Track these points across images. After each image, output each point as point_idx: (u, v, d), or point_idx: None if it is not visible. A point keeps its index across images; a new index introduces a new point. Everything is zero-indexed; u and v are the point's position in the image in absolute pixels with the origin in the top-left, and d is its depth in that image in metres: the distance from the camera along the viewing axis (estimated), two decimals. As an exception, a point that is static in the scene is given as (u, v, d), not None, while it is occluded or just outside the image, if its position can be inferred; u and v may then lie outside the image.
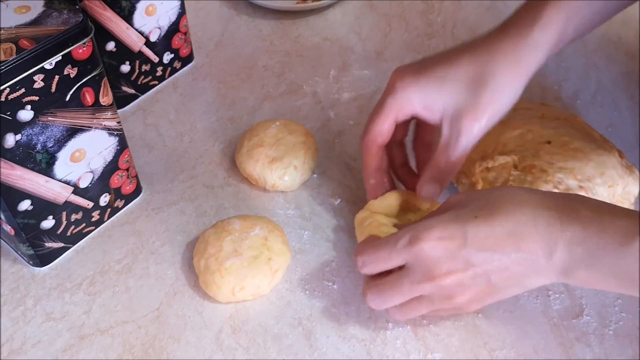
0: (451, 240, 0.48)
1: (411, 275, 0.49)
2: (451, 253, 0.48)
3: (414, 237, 0.49)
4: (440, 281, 0.48)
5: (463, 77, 0.53)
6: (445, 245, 0.48)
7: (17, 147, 0.50)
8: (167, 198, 0.67)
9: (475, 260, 0.47)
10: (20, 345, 0.56)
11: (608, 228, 0.45)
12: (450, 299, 0.49)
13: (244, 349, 0.55)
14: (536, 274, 0.48)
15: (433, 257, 0.48)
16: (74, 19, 0.50)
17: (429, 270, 0.48)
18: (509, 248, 0.47)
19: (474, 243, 0.47)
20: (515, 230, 0.47)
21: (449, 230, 0.48)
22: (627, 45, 0.83)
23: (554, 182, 0.61)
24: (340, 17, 0.88)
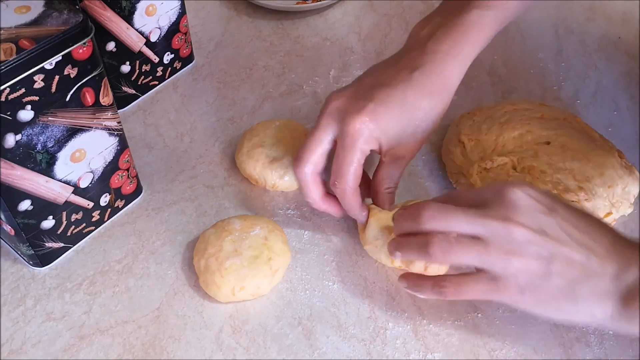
0: (538, 202, 0.47)
1: (485, 208, 0.48)
2: (532, 211, 0.47)
3: (508, 183, 0.49)
4: (512, 228, 0.46)
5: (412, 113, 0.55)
6: (531, 202, 0.47)
7: (17, 147, 0.50)
8: (168, 198, 0.67)
9: (550, 232, 0.46)
10: (20, 345, 0.56)
11: None
12: (507, 255, 0.47)
13: (244, 349, 0.55)
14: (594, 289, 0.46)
15: (516, 205, 0.47)
16: (74, 19, 0.50)
17: (507, 213, 0.47)
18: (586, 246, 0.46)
19: (558, 218, 0.47)
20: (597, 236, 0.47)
21: (540, 195, 0.48)
22: (627, 45, 0.83)
23: (553, 183, 0.61)
24: (340, 17, 0.88)
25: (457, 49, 0.56)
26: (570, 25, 0.86)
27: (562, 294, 0.47)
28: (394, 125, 0.55)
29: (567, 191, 0.60)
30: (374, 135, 0.55)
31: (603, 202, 0.61)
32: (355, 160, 0.55)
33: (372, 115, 0.54)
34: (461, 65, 0.57)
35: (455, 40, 0.56)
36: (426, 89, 0.55)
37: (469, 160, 0.65)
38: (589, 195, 0.60)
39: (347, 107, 0.56)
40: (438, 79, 0.56)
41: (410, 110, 0.55)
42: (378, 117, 0.55)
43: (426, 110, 0.56)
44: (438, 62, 0.56)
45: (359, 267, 0.61)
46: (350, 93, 0.57)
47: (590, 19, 0.87)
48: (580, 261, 0.46)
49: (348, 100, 0.56)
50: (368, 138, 0.55)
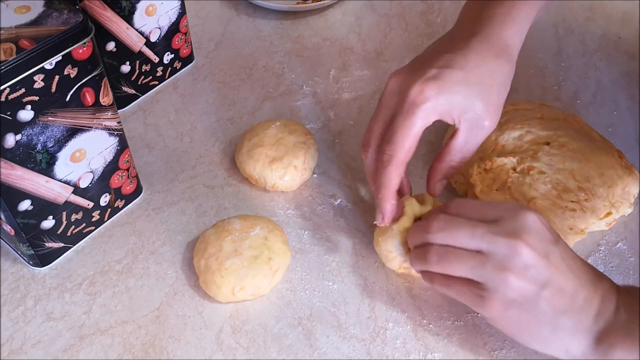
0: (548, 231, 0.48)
1: (496, 226, 0.48)
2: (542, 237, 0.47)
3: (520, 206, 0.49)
4: (518, 245, 0.46)
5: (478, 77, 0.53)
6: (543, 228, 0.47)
7: (17, 147, 0.50)
8: (167, 198, 0.67)
9: (554, 261, 0.47)
10: (20, 345, 0.56)
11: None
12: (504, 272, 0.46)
13: (244, 349, 0.55)
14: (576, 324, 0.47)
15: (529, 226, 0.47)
16: (74, 19, 0.50)
17: (517, 231, 0.47)
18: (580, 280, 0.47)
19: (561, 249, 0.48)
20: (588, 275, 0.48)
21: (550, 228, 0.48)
22: (627, 45, 0.83)
23: (552, 184, 0.60)
24: (340, 17, 0.88)
25: (514, 12, 0.55)
26: (570, 25, 0.86)
27: (544, 321, 0.47)
28: (460, 89, 0.52)
29: (567, 191, 0.60)
30: (439, 102, 0.52)
31: (603, 202, 0.61)
32: (413, 127, 0.52)
33: (434, 80, 0.52)
34: (520, 29, 0.55)
35: (510, 4, 0.55)
36: (488, 51, 0.53)
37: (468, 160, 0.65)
38: (589, 196, 0.60)
39: (407, 78, 0.53)
40: (498, 42, 0.54)
41: (475, 73, 0.53)
42: (441, 82, 0.52)
43: (493, 71, 0.53)
44: (496, 27, 0.54)
45: (359, 267, 0.61)
46: (409, 67, 0.55)
47: (590, 19, 0.87)
48: (570, 293, 0.47)
49: (407, 73, 0.54)
50: (432, 106, 0.52)
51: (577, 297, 0.47)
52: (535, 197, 0.60)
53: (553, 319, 0.47)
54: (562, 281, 0.47)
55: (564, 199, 0.60)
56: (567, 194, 0.60)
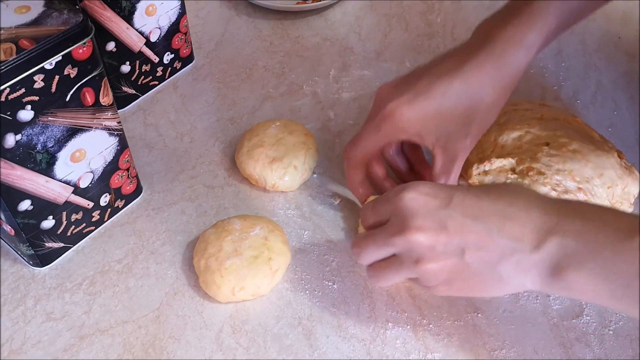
0: (434, 198, 0.46)
1: (388, 227, 0.48)
2: (429, 210, 0.46)
3: (400, 188, 0.48)
4: (410, 236, 0.46)
5: (456, 104, 0.53)
6: (426, 200, 0.46)
7: (17, 147, 0.50)
8: (168, 198, 0.67)
9: (451, 225, 0.45)
10: (20, 345, 0.56)
11: (610, 223, 0.42)
12: (418, 264, 0.47)
13: (244, 349, 0.55)
14: (517, 265, 0.44)
15: (410, 208, 0.46)
16: (74, 19, 0.50)
17: (402, 222, 0.46)
18: (492, 224, 0.44)
19: (456, 207, 0.45)
20: (503, 210, 0.45)
21: (435, 189, 0.47)
22: (627, 45, 0.83)
23: (551, 185, 0.60)
24: (340, 17, 0.88)
25: (520, 35, 0.53)
26: (570, 25, 0.86)
27: (486, 277, 0.46)
28: (434, 116, 0.53)
29: (567, 192, 0.60)
30: (410, 126, 0.54)
31: (603, 202, 0.61)
32: (375, 138, 0.55)
33: (408, 104, 0.53)
34: (526, 53, 0.53)
35: (517, 27, 0.53)
36: (477, 79, 0.53)
37: (467, 160, 0.65)
38: (589, 196, 0.60)
39: (388, 94, 0.55)
40: (494, 70, 0.53)
41: (454, 101, 0.53)
42: (415, 107, 0.53)
43: (475, 101, 0.53)
44: (497, 50, 0.53)
45: (359, 267, 0.61)
46: (397, 83, 0.56)
47: (590, 19, 0.87)
48: (489, 243, 0.45)
49: (392, 90, 0.56)
50: (401, 127, 0.54)
51: (501, 241, 0.44)
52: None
53: (492, 271, 0.45)
54: (474, 237, 0.45)
55: (564, 199, 0.60)
56: (567, 194, 0.60)
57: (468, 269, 0.46)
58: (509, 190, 0.47)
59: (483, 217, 0.45)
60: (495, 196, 0.46)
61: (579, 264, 0.42)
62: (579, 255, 0.42)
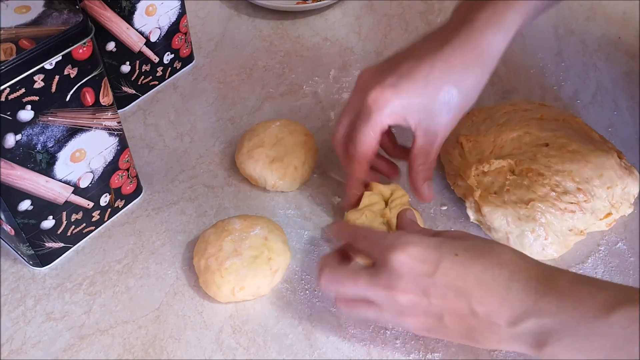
0: (422, 264, 0.46)
1: (372, 276, 0.48)
2: (415, 276, 0.46)
3: (390, 245, 0.47)
4: (395, 295, 0.47)
5: (439, 86, 0.54)
6: (414, 265, 0.46)
7: (17, 147, 0.50)
8: (168, 198, 0.67)
9: (434, 293, 0.46)
10: (20, 345, 0.56)
11: (585, 300, 0.43)
12: (399, 316, 0.48)
13: (244, 349, 0.55)
14: (493, 335, 0.46)
15: (398, 271, 0.47)
16: (74, 19, 0.50)
17: (389, 280, 0.47)
18: (473, 297, 0.45)
19: (441, 277, 0.46)
20: (487, 284, 0.45)
21: (425, 254, 0.47)
22: (627, 45, 0.83)
23: (551, 185, 0.60)
24: (340, 17, 0.88)
25: (498, 16, 0.53)
26: (570, 25, 0.86)
27: (465, 337, 0.47)
28: (418, 99, 0.54)
29: (566, 193, 0.60)
30: (395, 109, 0.54)
31: (602, 202, 0.61)
32: (369, 131, 0.55)
33: (392, 89, 0.54)
34: (503, 35, 0.54)
35: (496, 8, 0.53)
36: (459, 60, 0.53)
37: (466, 161, 0.65)
38: (588, 197, 0.60)
39: (371, 79, 0.56)
40: (473, 51, 0.54)
41: (437, 84, 0.54)
42: (399, 91, 0.54)
43: (457, 84, 0.54)
44: (475, 32, 0.53)
45: (359, 267, 0.61)
46: (378, 67, 0.57)
47: (590, 19, 0.87)
48: (468, 314, 0.46)
49: (373, 74, 0.56)
50: (387, 112, 0.54)
51: (478, 314, 0.45)
52: (533, 199, 0.60)
53: (470, 335, 0.47)
54: (453, 306, 0.46)
55: (563, 200, 0.60)
56: (566, 195, 0.60)
57: (447, 328, 0.48)
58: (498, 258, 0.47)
59: (465, 289, 0.45)
60: (481, 267, 0.46)
61: (558, 340, 0.43)
62: (556, 333, 0.43)
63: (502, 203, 0.60)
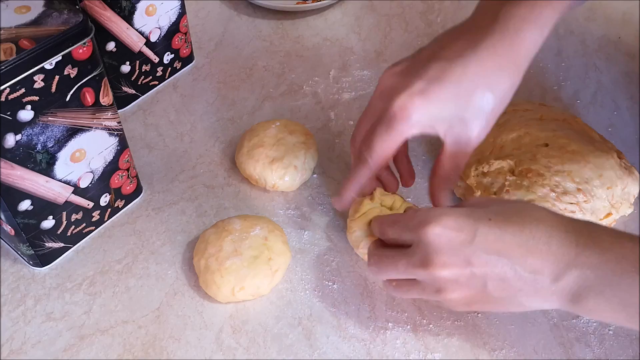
0: (458, 232, 0.46)
1: (410, 256, 0.48)
2: (454, 246, 0.46)
3: (423, 219, 0.47)
4: (434, 271, 0.46)
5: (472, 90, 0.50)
6: (451, 235, 0.46)
7: (17, 147, 0.50)
8: (168, 198, 0.67)
9: (476, 261, 0.45)
10: (20, 345, 0.56)
11: (628, 255, 0.43)
12: (440, 293, 0.48)
13: (244, 349, 0.55)
14: (537, 294, 0.45)
15: (435, 245, 0.46)
16: (74, 19, 0.50)
17: (427, 257, 0.46)
18: (515, 259, 0.45)
19: (480, 243, 0.45)
20: (526, 242, 0.45)
21: (459, 222, 0.46)
22: (627, 45, 0.83)
23: (550, 186, 0.60)
24: (340, 17, 0.88)
25: (536, 13, 0.49)
26: (570, 25, 0.86)
27: (507, 303, 0.47)
28: (449, 106, 0.50)
29: (566, 193, 0.60)
30: (423, 119, 0.50)
31: (602, 203, 0.61)
32: (390, 140, 0.51)
33: (421, 96, 0.49)
34: (540, 32, 0.50)
35: (533, 4, 0.49)
36: (493, 62, 0.49)
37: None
38: (588, 197, 0.60)
39: (396, 84, 0.51)
40: (510, 50, 0.49)
41: (470, 88, 0.49)
42: (428, 98, 0.49)
43: (491, 87, 0.50)
44: (511, 30, 0.49)
45: (359, 267, 0.61)
46: (403, 68, 0.52)
47: (590, 19, 0.87)
48: (512, 276, 0.45)
49: (399, 77, 0.52)
50: (414, 122, 0.50)
51: (523, 274, 0.45)
52: (533, 199, 0.60)
53: (513, 299, 0.46)
54: (496, 271, 0.45)
55: (563, 201, 0.60)
56: (566, 196, 0.60)
57: (489, 297, 0.47)
58: (531, 217, 0.46)
59: (506, 251, 0.45)
60: (517, 227, 0.45)
61: (597, 294, 0.43)
62: (597, 286, 0.43)
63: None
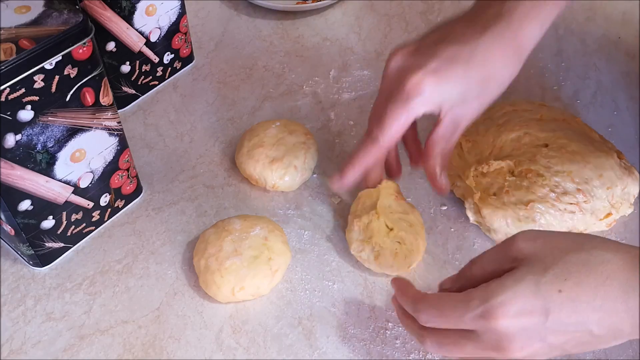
0: (530, 316, 0.42)
1: (479, 342, 0.44)
2: (529, 330, 0.43)
3: (487, 311, 0.43)
4: (511, 354, 0.43)
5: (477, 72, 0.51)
6: (523, 322, 0.42)
7: (17, 147, 0.50)
8: (168, 198, 0.67)
9: (552, 337, 0.43)
10: (20, 345, 0.56)
11: None
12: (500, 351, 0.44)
13: (244, 349, 0.55)
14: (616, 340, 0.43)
15: (507, 335, 0.43)
16: (74, 19, 0.50)
17: (500, 344, 0.43)
18: (593, 324, 0.42)
19: (555, 320, 0.42)
20: (602, 307, 0.42)
21: (527, 305, 0.42)
22: (627, 45, 0.83)
23: (550, 186, 0.60)
24: (340, 17, 0.88)
25: (537, 9, 0.52)
26: (570, 25, 0.86)
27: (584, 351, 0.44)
28: (457, 85, 0.51)
29: (566, 194, 0.60)
30: (433, 96, 0.51)
31: (602, 203, 0.61)
32: (402, 118, 0.51)
33: (434, 74, 0.50)
34: (540, 28, 0.53)
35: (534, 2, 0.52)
36: (498, 49, 0.51)
37: (465, 161, 0.65)
38: (588, 197, 0.60)
39: (406, 63, 0.52)
40: (512, 41, 0.52)
41: (477, 70, 0.51)
42: (440, 77, 0.50)
43: (495, 71, 0.52)
44: (515, 23, 0.52)
45: (359, 267, 0.61)
46: (412, 49, 0.53)
47: (590, 19, 0.87)
48: (592, 340, 0.43)
49: (408, 57, 0.52)
50: (425, 100, 0.51)
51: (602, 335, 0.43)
52: (533, 200, 0.60)
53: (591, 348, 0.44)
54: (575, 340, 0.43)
55: (563, 201, 0.60)
56: (566, 196, 0.60)
57: (567, 353, 0.44)
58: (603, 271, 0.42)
59: (583, 321, 0.42)
60: (591, 292, 0.42)
61: None
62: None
63: (502, 205, 0.60)
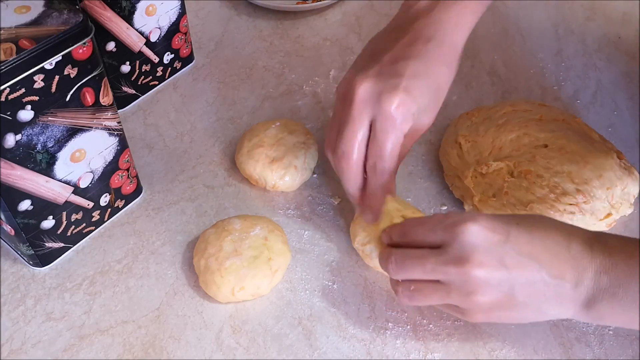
0: (494, 232, 0.47)
1: (441, 255, 0.48)
2: (490, 245, 0.47)
3: (459, 219, 0.48)
4: (469, 269, 0.46)
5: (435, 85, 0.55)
6: (487, 235, 0.47)
7: (17, 147, 0.50)
8: (168, 198, 0.67)
9: (509, 262, 0.46)
10: (20, 345, 0.56)
11: (634, 256, 0.45)
12: (469, 296, 0.47)
13: (244, 349, 0.55)
14: (558, 301, 0.47)
15: (472, 243, 0.47)
16: (74, 19, 0.50)
17: (463, 255, 0.47)
18: (543, 262, 0.46)
19: (513, 244, 0.47)
20: (552, 248, 0.47)
21: (493, 223, 0.47)
22: (627, 45, 0.83)
23: (550, 187, 0.60)
24: (340, 17, 0.88)
25: (463, 17, 0.56)
26: (570, 25, 0.86)
27: (528, 309, 0.48)
28: (425, 98, 0.54)
29: (565, 194, 0.60)
30: (411, 112, 0.53)
31: (602, 203, 0.61)
32: (398, 141, 0.54)
33: (407, 91, 0.53)
34: (466, 34, 0.57)
35: (459, 9, 0.56)
36: (441, 59, 0.55)
37: (464, 162, 0.65)
38: (587, 198, 0.60)
39: (378, 88, 0.53)
40: (450, 49, 0.55)
41: (434, 81, 0.54)
42: (412, 94, 0.53)
43: (443, 79, 0.55)
44: (448, 32, 0.55)
45: (359, 267, 0.61)
46: (375, 73, 0.54)
47: (590, 19, 0.87)
48: (539, 281, 0.46)
49: (376, 81, 0.54)
50: (406, 116, 0.53)
51: (548, 279, 0.46)
52: (532, 201, 0.60)
53: (535, 305, 0.47)
54: (527, 274, 0.46)
55: (562, 202, 0.60)
56: (565, 197, 0.60)
57: (514, 302, 0.47)
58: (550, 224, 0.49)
59: (536, 254, 0.47)
60: (543, 232, 0.48)
61: (611, 296, 0.46)
62: (609, 288, 0.46)
63: (502, 206, 0.60)
